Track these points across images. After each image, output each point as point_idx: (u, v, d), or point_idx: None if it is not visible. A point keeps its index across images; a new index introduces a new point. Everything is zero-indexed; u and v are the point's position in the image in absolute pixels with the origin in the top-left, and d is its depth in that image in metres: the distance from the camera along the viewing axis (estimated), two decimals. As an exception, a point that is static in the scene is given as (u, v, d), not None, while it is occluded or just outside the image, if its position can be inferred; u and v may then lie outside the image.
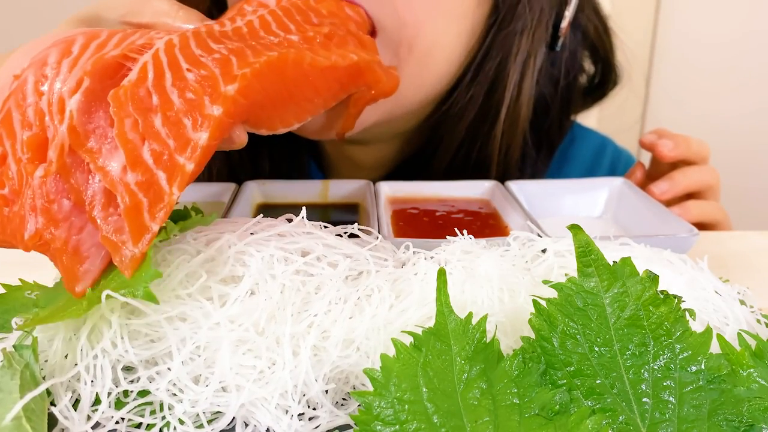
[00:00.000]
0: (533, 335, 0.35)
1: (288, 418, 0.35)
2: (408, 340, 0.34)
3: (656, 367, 0.33)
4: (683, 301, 0.35)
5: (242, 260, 0.39)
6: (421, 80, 0.65)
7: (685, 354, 0.34)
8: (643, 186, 0.70)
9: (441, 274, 0.35)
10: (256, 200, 0.65)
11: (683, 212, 0.66)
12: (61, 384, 0.36)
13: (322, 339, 0.37)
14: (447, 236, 0.48)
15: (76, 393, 0.36)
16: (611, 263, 0.36)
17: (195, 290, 0.37)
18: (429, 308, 0.38)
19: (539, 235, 0.50)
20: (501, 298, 0.40)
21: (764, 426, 0.32)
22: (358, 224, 0.45)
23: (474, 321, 0.34)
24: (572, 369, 0.34)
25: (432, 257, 0.44)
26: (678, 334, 0.34)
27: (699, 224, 0.66)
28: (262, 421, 0.35)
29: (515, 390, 0.32)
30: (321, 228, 0.44)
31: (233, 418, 0.35)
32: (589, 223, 0.64)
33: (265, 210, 0.64)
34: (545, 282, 0.37)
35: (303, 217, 0.43)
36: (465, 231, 0.47)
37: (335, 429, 0.36)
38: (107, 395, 0.35)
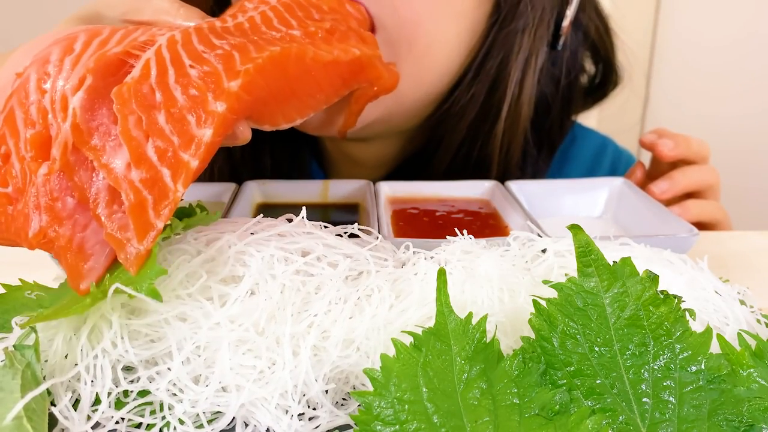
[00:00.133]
0: (533, 335, 0.35)
1: (288, 418, 0.35)
2: (408, 340, 0.34)
3: (656, 367, 0.33)
4: (683, 301, 0.35)
5: (242, 260, 0.39)
6: (420, 78, 0.65)
7: (685, 354, 0.34)
8: (644, 185, 0.70)
9: (441, 274, 0.35)
10: (256, 200, 0.65)
11: (683, 212, 0.66)
12: (61, 384, 0.36)
13: (322, 339, 0.37)
14: (447, 236, 0.48)
15: (76, 393, 0.36)
16: (611, 263, 0.36)
17: (195, 290, 0.37)
18: (429, 308, 0.38)
19: (539, 235, 0.50)
20: (501, 298, 0.40)
21: (764, 426, 0.32)
22: (358, 224, 0.45)
23: (474, 321, 0.34)
24: (572, 369, 0.34)
25: (432, 257, 0.44)
26: (678, 334, 0.34)
27: (699, 224, 0.66)
28: (262, 421, 0.35)
29: (515, 390, 0.32)
30: (321, 228, 0.44)
31: (233, 418, 0.35)
32: (589, 223, 0.64)
33: (265, 210, 0.64)
34: (545, 282, 0.36)
35: (303, 217, 0.43)
36: (465, 231, 0.47)
37: (335, 429, 0.36)
38: (107, 395, 0.35)
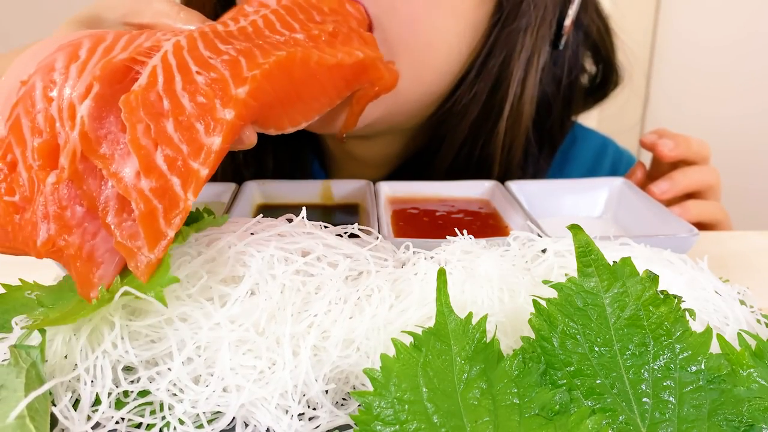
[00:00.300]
0: (533, 335, 0.35)
1: (288, 418, 0.35)
2: (408, 340, 0.34)
3: (656, 367, 0.33)
4: (683, 301, 0.35)
5: (242, 260, 0.39)
6: (420, 76, 0.65)
7: (685, 354, 0.34)
8: (644, 186, 0.70)
9: (441, 274, 0.35)
10: (256, 200, 0.65)
11: (683, 212, 0.66)
12: (62, 384, 0.36)
13: (322, 339, 0.37)
14: (447, 236, 0.48)
15: (76, 393, 0.36)
16: (611, 263, 0.36)
17: (196, 291, 0.37)
18: (429, 308, 0.38)
19: (539, 235, 0.50)
20: (501, 298, 0.40)
21: (764, 426, 0.32)
22: (358, 224, 0.45)
23: (474, 321, 0.34)
24: (572, 369, 0.34)
25: (432, 257, 0.44)
26: (678, 334, 0.34)
27: (699, 224, 0.66)
28: (262, 421, 0.35)
29: (515, 390, 0.32)
30: (321, 228, 0.44)
31: (233, 418, 0.35)
32: (589, 223, 0.64)
33: (265, 210, 0.64)
34: (545, 282, 0.36)
35: (303, 218, 0.43)
36: (465, 231, 0.47)
37: (335, 429, 0.36)
38: (107, 395, 0.35)
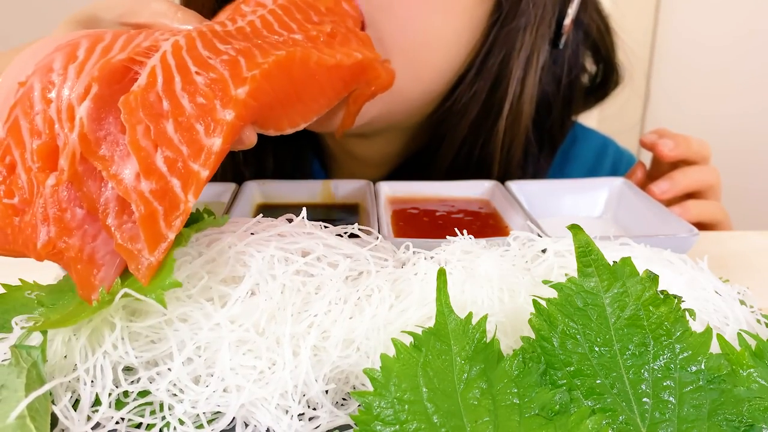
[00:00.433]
0: (533, 335, 0.35)
1: (288, 419, 0.35)
2: (408, 340, 0.34)
3: (656, 367, 0.33)
4: (683, 301, 0.35)
5: (242, 261, 0.39)
6: (417, 75, 0.65)
7: (685, 354, 0.34)
8: (644, 186, 0.70)
9: (441, 274, 0.35)
10: (256, 200, 0.65)
11: (683, 212, 0.66)
12: (62, 384, 0.35)
13: (322, 339, 0.37)
14: (447, 236, 0.48)
15: (76, 393, 0.36)
16: (611, 263, 0.36)
17: (196, 291, 0.37)
18: (429, 308, 0.38)
19: (539, 235, 0.50)
20: (501, 298, 0.40)
21: (764, 426, 0.32)
22: (358, 224, 0.45)
23: (474, 321, 0.34)
24: (572, 369, 0.34)
25: (432, 257, 0.44)
26: (678, 334, 0.34)
27: (699, 224, 0.66)
28: (262, 422, 0.35)
29: (515, 390, 0.32)
30: (321, 228, 0.44)
31: (233, 419, 0.35)
32: (589, 223, 0.64)
33: (265, 210, 0.64)
34: (545, 282, 0.36)
35: (303, 218, 0.43)
36: (465, 231, 0.47)
37: (335, 429, 0.36)
38: (108, 396, 0.35)
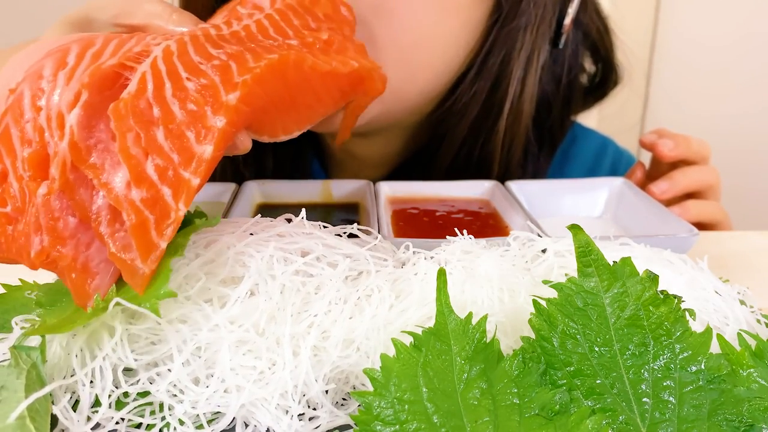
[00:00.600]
0: (533, 335, 0.35)
1: (288, 419, 0.35)
2: (408, 340, 0.34)
3: (656, 367, 0.33)
4: (683, 301, 0.35)
5: (242, 261, 0.39)
6: (413, 74, 0.64)
7: (685, 354, 0.34)
8: (644, 186, 0.70)
9: (441, 274, 0.35)
10: (256, 200, 0.65)
11: (683, 212, 0.66)
12: (61, 385, 0.35)
13: (322, 339, 0.37)
14: (447, 236, 0.47)
15: (76, 394, 0.36)
16: (611, 263, 0.36)
17: (195, 293, 0.37)
18: (429, 308, 0.38)
19: (539, 235, 0.50)
20: (501, 298, 0.40)
21: (764, 426, 0.32)
22: (358, 224, 0.45)
23: (474, 321, 0.34)
24: (572, 369, 0.34)
25: (432, 257, 0.44)
26: (678, 334, 0.34)
27: (699, 224, 0.66)
28: (263, 422, 0.35)
29: (515, 390, 0.32)
30: (320, 228, 0.44)
31: (233, 419, 0.35)
32: (589, 223, 0.64)
33: (265, 210, 0.64)
34: (545, 282, 0.36)
35: (303, 218, 0.43)
36: (465, 231, 0.47)
37: (335, 429, 0.36)
38: (107, 396, 0.35)
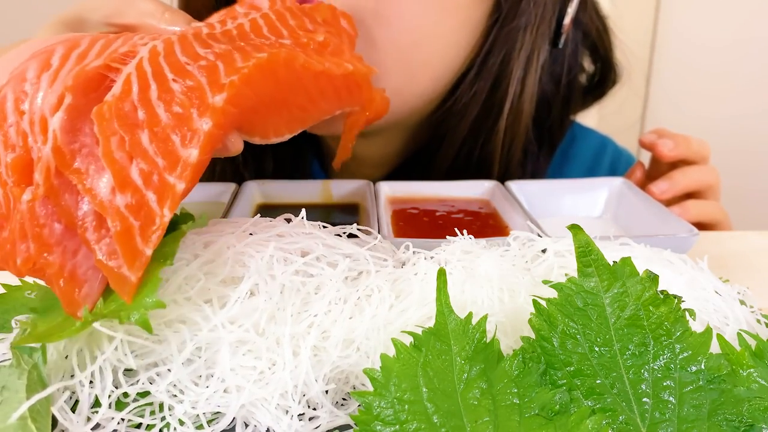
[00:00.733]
0: (533, 335, 0.35)
1: (288, 419, 0.35)
2: (408, 340, 0.34)
3: (656, 367, 0.33)
4: (683, 301, 0.35)
5: (241, 261, 0.39)
6: (413, 74, 0.64)
7: (685, 354, 0.34)
8: (643, 185, 0.70)
9: (441, 274, 0.35)
10: (256, 200, 0.65)
11: (683, 212, 0.66)
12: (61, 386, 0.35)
13: (322, 339, 0.37)
14: (447, 236, 0.47)
15: (76, 395, 0.36)
16: (611, 263, 0.36)
17: (194, 293, 0.37)
18: (429, 308, 0.38)
19: (539, 235, 0.50)
20: (501, 298, 0.40)
21: (764, 426, 0.32)
22: (358, 224, 0.45)
23: (474, 321, 0.34)
24: (572, 369, 0.34)
25: (432, 257, 0.44)
26: (678, 334, 0.34)
27: (699, 224, 0.66)
28: (263, 422, 0.35)
29: (515, 390, 0.32)
30: (320, 228, 0.44)
31: (233, 419, 0.35)
32: (589, 223, 0.64)
33: (265, 210, 0.64)
34: (545, 282, 0.36)
35: (303, 218, 0.43)
36: (465, 231, 0.47)
37: (335, 429, 0.36)
38: (107, 397, 0.35)
